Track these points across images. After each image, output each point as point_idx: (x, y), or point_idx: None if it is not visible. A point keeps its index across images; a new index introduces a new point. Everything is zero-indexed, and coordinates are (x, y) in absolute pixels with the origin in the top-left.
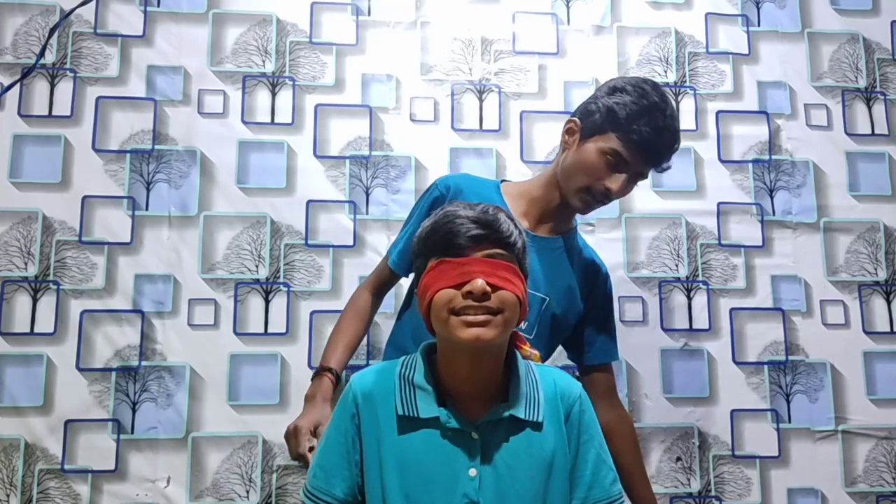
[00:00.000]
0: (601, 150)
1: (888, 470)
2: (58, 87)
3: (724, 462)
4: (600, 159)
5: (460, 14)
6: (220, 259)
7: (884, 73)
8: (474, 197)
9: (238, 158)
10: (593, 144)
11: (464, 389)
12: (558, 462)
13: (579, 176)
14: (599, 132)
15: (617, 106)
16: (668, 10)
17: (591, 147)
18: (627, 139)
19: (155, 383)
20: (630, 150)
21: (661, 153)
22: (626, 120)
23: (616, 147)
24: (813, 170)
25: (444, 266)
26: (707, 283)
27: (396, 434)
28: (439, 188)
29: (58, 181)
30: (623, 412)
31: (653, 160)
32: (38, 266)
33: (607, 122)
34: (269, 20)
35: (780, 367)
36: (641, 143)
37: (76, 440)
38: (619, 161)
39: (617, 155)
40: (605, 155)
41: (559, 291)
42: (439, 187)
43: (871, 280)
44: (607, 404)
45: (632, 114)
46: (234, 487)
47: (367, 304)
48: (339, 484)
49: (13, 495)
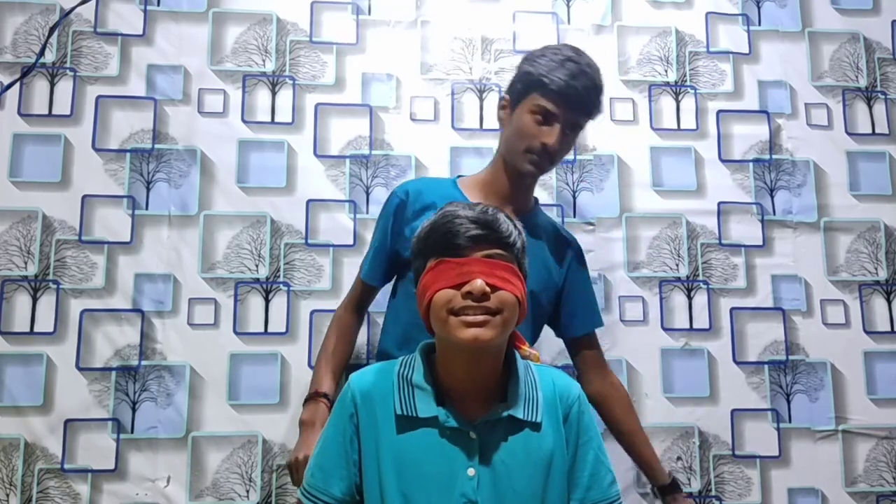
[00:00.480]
0: (529, 111)
1: (888, 470)
2: (58, 87)
3: (724, 462)
4: (530, 119)
5: (461, 13)
6: (220, 258)
7: (884, 73)
8: (433, 195)
9: (238, 158)
10: (521, 109)
11: (462, 389)
12: (557, 462)
13: (517, 141)
14: (524, 96)
15: (533, 66)
16: (669, 9)
17: (519, 112)
18: (547, 91)
19: (155, 383)
20: (552, 100)
21: (581, 97)
22: (543, 75)
23: (539, 102)
24: (813, 169)
25: (444, 266)
26: (707, 283)
27: (395, 433)
28: (399, 195)
29: (58, 180)
30: (615, 380)
31: (576, 105)
32: (37, 265)
33: (528, 85)
34: (270, 19)
35: (780, 366)
36: (560, 91)
37: (76, 440)
38: (546, 115)
39: (543, 110)
40: (533, 114)
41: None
42: (398, 194)
43: (871, 280)
44: (599, 375)
45: (547, 69)
46: (234, 487)
47: (350, 324)
48: (337, 483)
49: (13, 495)
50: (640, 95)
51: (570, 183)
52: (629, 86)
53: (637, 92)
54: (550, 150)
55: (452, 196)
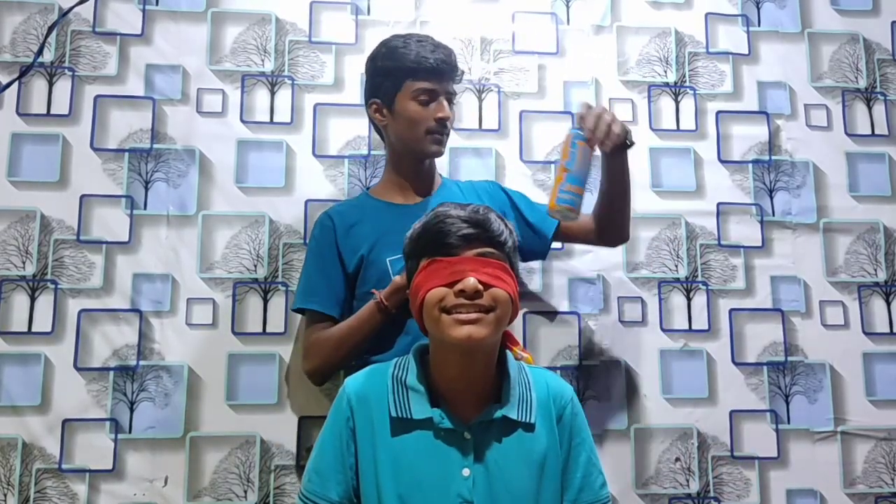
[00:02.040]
0: (410, 99)
1: (887, 471)
2: (56, 86)
3: (723, 463)
4: (415, 105)
5: (460, 13)
6: (219, 258)
7: (884, 74)
8: (355, 212)
9: (237, 158)
10: (401, 102)
11: (456, 390)
12: (550, 463)
13: (413, 129)
14: (397, 89)
15: (393, 61)
16: (668, 9)
17: (401, 105)
18: (419, 74)
19: (153, 383)
20: (427, 79)
21: (448, 65)
22: (410, 62)
23: (417, 86)
24: (813, 170)
25: (436, 265)
26: (706, 284)
27: (390, 435)
28: (324, 222)
29: (56, 180)
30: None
31: (447, 74)
32: (35, 265)
33: (397, 78)
34: (269, 19)
35: (779, 367)
36: (432, 68)
37: (74, 439)
38: (427, 93)
39: (422, 91)
40: (415, 100)
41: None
42: (324, 222)
43: (870, 281)
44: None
45: (410, 56)
46: (232, 487)
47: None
48: (335, 487)
49: (10, 495)
50: (639, 96)
51: None
52: (628, 86)
53: (636, 92)
54: (445, 120)
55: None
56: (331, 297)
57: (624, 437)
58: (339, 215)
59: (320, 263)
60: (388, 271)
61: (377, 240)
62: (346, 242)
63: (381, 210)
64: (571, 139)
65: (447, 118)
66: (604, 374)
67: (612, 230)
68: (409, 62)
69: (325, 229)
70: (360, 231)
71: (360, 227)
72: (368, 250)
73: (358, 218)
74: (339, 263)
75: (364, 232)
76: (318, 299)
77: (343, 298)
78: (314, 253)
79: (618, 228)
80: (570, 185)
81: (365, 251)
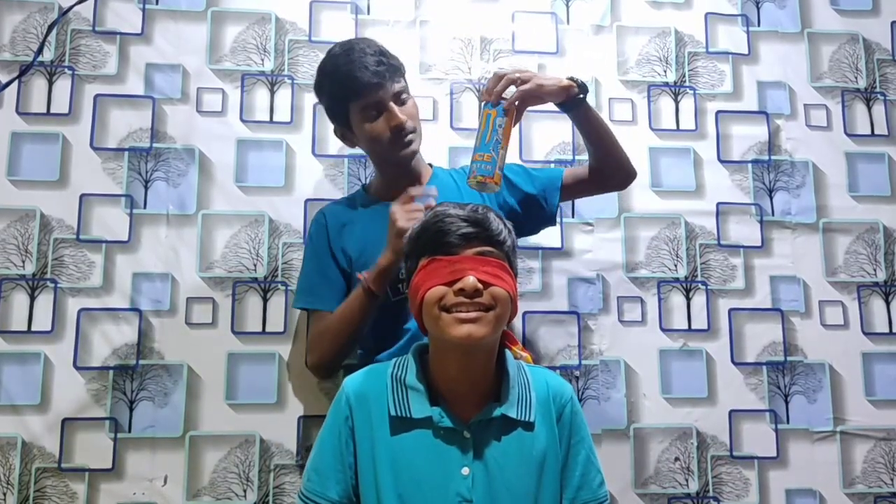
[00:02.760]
0: (360, 120)
1: (886, 471)
2: (56, 85)
3: (722, 462)
4: (368, 122)
5: (459, 13)
6: (218, 258)
7: (884, 74)
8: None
9: (236, 157)
10: (355, 124)
11: (456, 389)
12: (550, 461)
13: (376, 145)
14: (345, 115)
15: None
16: (668, 9)
17: (356, 126)
18: (354, 95)
19: (152, 382)
20: (364, 96)
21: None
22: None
23: (359, 106)
24: (812, 170)
25: (435, 264)
26: (706, 284)
27: (389, 434)
28: (318, 220)
29: (55, 179)
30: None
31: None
32: (35, 264)
33: (339, 104)
34: (268, 18)
35: (778, 367)
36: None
37: (73, 439)
38: (373, 106)
39: (368, 107)
40: (365, 119)
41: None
42: (318, 220)
43: (870, 281)
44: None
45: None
46: (232, 486)
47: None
48: (334, 487)
49: (10, 494)
50: (639, 96)
51: None
52: (628, 86)
53: (636, 92)
54: (402, 125)
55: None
56: (329, 294)
57: (623, 436)
58: (332, 214)
59: (316, 261)
60: None
61: (366, 244)
62: (338, 242)
63: (374, 209)
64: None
65: (400, 124)
66: (603, 373)
67: (611, 172)
68: (343, 86)
69: (318, 227)
70: (350, 232)
71: (350, 228)
72: (358, 255)
73: (350, 218)
74: (334, 260)
75: (355, 234)
76: (316, 298)
77: (342, 293)
78: (310, 251)
79: (616, 169)
80: (477, 154)
81: (354, 255)
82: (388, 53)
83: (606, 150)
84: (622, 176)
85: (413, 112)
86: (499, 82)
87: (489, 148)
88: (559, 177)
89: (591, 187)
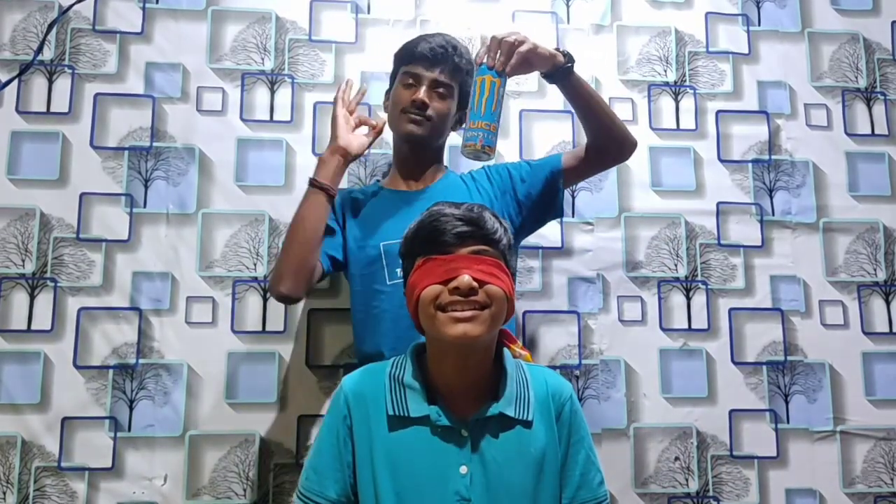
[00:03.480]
0: (401, 84)
1: (886, 471)
2: (56, 84)
3: (722, 462)
4: (401, 88)
5: (460, 12)
6: (218, 257)
7: (884, 74)
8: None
9: (236, 156)
10: (395, 86)
11: (453, 387)
12: (549, 460)
13: (393, 109)
14: (395, 76)
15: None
16: (669, 9)
17: (394, 89)
18: (407, 59)
19: (152, 381)
20: (413, 64)
21: (435, 52)
22: (403, 50)
23: (405, 71)
24: (812, 170)
25: (431, 263)
26: (706, 283)
27: (387, 433)
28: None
29: (55, 178)
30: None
31: (433, 61)
32: (35, 263)
33: (395, 67)
34: (269, 17)
35: (778, 367)
36: (418, 54)
37: (73, 438)
38: (412, 77)
39: (409, 75)
40: (403, 83)
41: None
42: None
43: (870, 280)
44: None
45: (406, 46)
46: (231, 486)
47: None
48: (332, 485)
49: (10, 493)
50: (639, 95)
51: None
52: (628, 86)
53: (636, 92)
54: (419, 102)
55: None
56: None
57: (623, 436)
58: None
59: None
60: (380, 256)
61: (371, 223)
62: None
63: (384, 196)
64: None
65: (418, 101)
66: (603, 373)
67: (608, 143)
68: (403, 49)
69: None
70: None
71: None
72: (362, 234)
73: (361, 203)
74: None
75: (362, 214)
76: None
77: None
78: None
79: (612, 139)
80: (473, 122)
81: (358, 234)
82: (461, 51)
83: (600, 120)
84: (619, 146)
85: (443, 109)
86: (499, 47)
87: (494, 117)
88: (559, 161)
89: (592, 163)
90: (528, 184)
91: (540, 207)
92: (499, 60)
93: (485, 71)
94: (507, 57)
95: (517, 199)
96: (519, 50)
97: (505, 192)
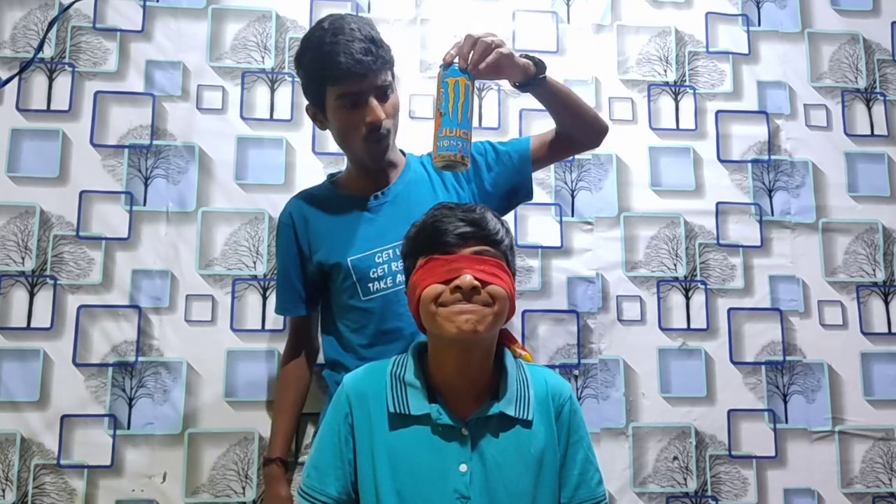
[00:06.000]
0: (336, 105)
1: (885, 471)
2: (56, 82)
3: (720, 462)
4: (342, 111)
5: (460, 11)
6: (218, 255)
7: (884, 74)
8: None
9: (236, 154)
10: (329, 108)
11: (454, 386)
12: (548, 459)
13: (347, 137)
14: (322, 95)
15: (310, 64)
16: (669, 9)
17: (330, 111)
18: (333, 76)
19: (152, 379)
20: (337, 82)
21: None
22: (319, 64)
23: (339, 91)
24: (812, 170)
25: (433, 263)
26: (705, 283)
27: (388, 431)
28: (283, 221)
29: (55, 176)
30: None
31: (364, 72)
32: (35, 261)
33: (315, 83)
34: (269, 16)
35: (777, 367)
36: (334, 69)
37: (72, 435)
38: (351, 96)
39: (345, 95)
40: (342, 106)
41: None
42: (283, 220)
43: (869, 281)
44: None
45: (319, 61)
46: (231, 484)
47: (296, 375)
48: (333, 483)
49: (9, 490)
50: (639, 95)
51: (569, 182)
52: (628, 85)
53: (636, 92)
54: (378, 124)
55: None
56: (293, 302)
57: (622, 435)
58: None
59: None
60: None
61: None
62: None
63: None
64: (441, 78)
65: (377, 122)
66: (602, 372)
67: (582, 135)
68: (323, 67)
69: (281, 230)
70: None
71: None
72: (327, 256)
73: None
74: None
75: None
76: (282, 305)
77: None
78: (278, 253)
79: (585, 131)
80: (449, 130)
81: (323, 258)
82: (379, 41)
83: (573, 116)
84: (593, 135)
85: (393, 110)
86: (473, 47)
87: (468, 123)
88: (528, 149)
89: (562, 150)
90: (495, 172)
91: (508, 195)
92: (472, 60)
93: (457, 73)
94: (482, 56)
95: (484, 187)
96: (499, 49)
97: (470, 181)
